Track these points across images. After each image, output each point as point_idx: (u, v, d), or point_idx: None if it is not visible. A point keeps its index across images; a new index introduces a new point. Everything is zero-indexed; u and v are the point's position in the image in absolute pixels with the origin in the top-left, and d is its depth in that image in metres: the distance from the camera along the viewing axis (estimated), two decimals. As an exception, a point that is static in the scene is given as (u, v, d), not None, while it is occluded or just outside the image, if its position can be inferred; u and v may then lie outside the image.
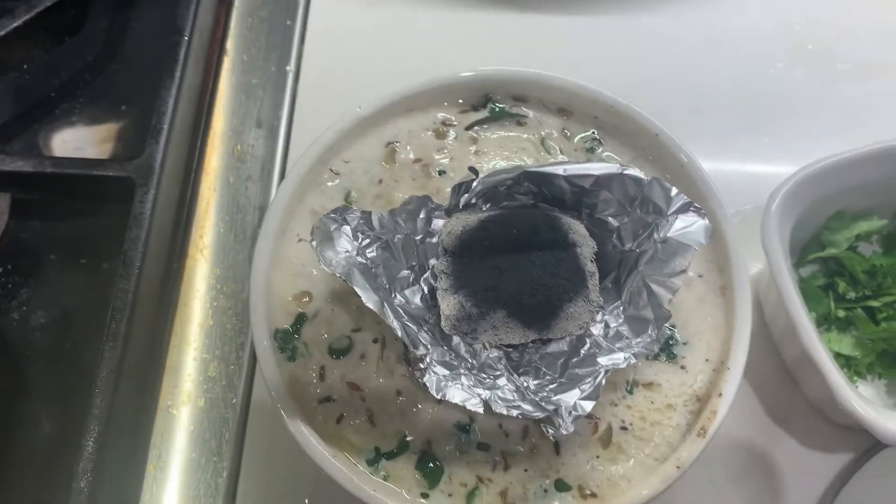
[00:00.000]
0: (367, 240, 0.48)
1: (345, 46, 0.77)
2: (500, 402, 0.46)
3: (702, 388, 0.50)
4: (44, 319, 0.64)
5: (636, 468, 0.48)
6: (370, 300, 0.45)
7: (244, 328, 0.64)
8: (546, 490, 0.47)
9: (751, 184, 0.64)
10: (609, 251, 0.50)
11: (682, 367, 0.51)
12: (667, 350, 0.51)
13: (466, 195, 0.51)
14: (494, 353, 0.48)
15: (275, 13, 0.79)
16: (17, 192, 0.66)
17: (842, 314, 0.62)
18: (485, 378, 0.47)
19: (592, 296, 0.48)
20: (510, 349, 0.49)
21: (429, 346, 0.46)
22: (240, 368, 0.63)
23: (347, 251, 0.47)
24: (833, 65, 0.78)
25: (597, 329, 0.49)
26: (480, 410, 0.45)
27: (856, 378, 0.62)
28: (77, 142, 0.72)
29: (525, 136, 0.58)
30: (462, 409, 0.47)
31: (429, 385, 0.45)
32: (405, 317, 0.47)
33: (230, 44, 0.77)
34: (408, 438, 0.48)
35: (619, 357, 0.47)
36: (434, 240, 0.50)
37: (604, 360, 0.47)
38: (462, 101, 0.58)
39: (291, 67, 0.76)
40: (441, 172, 0.56)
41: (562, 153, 0.57)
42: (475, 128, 0.58)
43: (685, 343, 0.51)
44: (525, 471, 0.48)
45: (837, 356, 0.61)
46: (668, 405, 0.49)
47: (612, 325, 0.49)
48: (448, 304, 0.47)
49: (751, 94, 0.76)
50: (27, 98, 0.74)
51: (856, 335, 0.62)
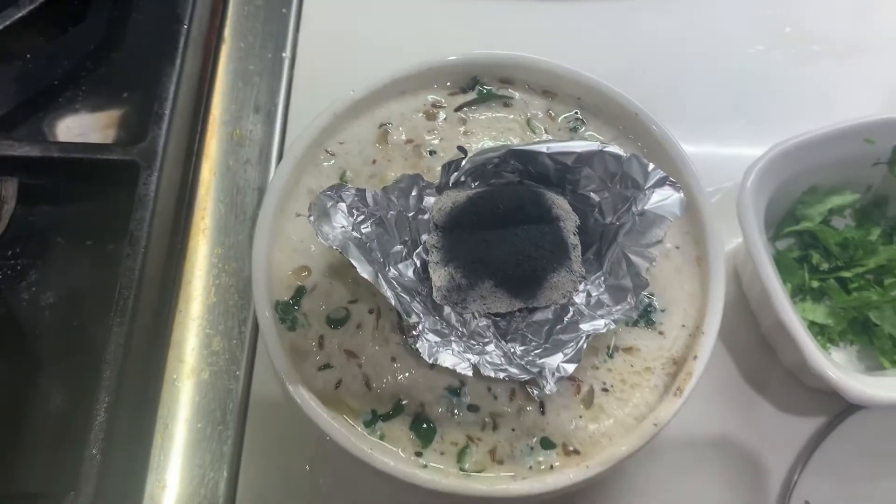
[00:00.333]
0: (362, 216, 0.49)
1: (339, 33, 0.79)
2: (489, 366, 0.47)
3: (678, 352, 0.52)
4: (52, 299, 0.65)
5: (616, 426, 0.50)
6: (365, 271, 0.46)
7: (246, 304, 0.66)
8: (532, 448, 0.49)
9: (730, 163, 0.65)
10: (591, 225, 0.52)
11: (660, 333, 0.52)
12: (646, 317, 0.53)
13: (456, 173, 0.52)
14: (483, 322, 0.50)
15: (271, 2, 0.80)
16: (25, 177, 0.66)
17: (816, 285, 0.64)
18: (474, 344, 0.49)
19: (575, 266, 0.50)
20: (498, 318, 0.50)
21: (421, 315, 0.48)
22: (242, 342, 0.64)
23: (343, 226, 0.48)
24: (809, 46, 0.80)
25: (579, 298, 0.50)
26: (470, 374, 0.47)
27: (829, 345, 0.64)
28: (80, 128, 0.73)
29: (511, 117, 0.59)
30: (453, 374, 0.49)
31: (421, 351, 0.47)
32: (399, 288, 0.49)
33: (228, 32, 0.78)
34: (402, 402, 0.50)
35: (600, 323, 0.48)
36: (425, 216, 0.52)
37: (586, 326, 0.49)
38: (451, 84, 0.60)
39: (287, 54, 0.78)
40: (432, 152, 0.57)
41: (546, 132, 0.59)
42: (464, 109, 0.59)
43: (663, 310, 0.53)
44: (512, 430, 0.49)
45: (811, 324, 0.64)
46: (647, 368, 0.51)
47: (594, 294, 0.50)
48: (439, 276, 0.49)
49: (730, 77, 0.78)
50: (31, 86, 0.75)
51: (829, 304, 0.64)
